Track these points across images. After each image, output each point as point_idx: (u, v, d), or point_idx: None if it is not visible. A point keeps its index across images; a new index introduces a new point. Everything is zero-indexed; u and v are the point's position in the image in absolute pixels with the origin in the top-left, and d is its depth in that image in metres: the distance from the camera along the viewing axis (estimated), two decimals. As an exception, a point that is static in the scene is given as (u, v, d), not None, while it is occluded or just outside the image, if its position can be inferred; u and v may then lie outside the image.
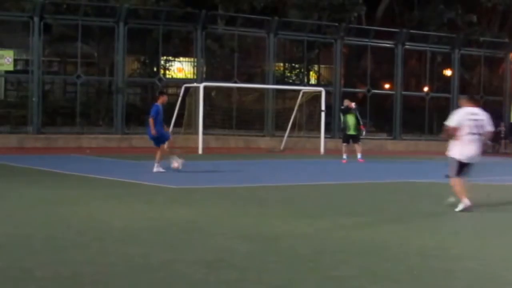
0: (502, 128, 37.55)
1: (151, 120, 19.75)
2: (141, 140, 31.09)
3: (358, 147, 25.27)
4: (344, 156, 24.97)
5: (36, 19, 30.96)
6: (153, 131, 19.40)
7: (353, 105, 25.66)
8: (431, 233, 10.95)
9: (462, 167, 12.77)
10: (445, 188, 14.56)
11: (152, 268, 7.92)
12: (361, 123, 25.88)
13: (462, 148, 12.68)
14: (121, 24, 33.09)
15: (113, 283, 7.30)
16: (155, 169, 19.31)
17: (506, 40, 42.72)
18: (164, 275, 7.54)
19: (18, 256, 8.57)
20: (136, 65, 39.47)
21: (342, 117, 26.17)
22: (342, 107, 26.26)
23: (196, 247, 9.36)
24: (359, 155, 25.13)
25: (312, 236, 10.47)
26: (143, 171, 20.90)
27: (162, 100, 20.26)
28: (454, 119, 12.93)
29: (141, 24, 34.93)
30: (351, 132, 25.46)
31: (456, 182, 12.99)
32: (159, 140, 19.75)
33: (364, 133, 26.48)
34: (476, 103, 13.71)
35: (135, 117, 36.00)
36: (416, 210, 14.09)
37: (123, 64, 34.23)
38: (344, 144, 25.50)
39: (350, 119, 25.03)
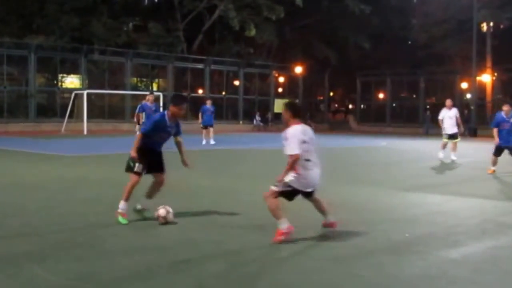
0: None
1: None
2: (49, 126, 34.53)
3: None
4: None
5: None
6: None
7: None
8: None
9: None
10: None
11: (54, 206, 8.74)
12: None
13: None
14: (32, 54, 35.54)
15: (26, 212, 8.21)
16: None
17: (270, 63, 47.18)
18: (62, 211, 8.29)
19: None
20: (42, 80, 40.04)
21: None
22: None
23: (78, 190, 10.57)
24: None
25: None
26: (50, 146, 21.73)
27: (148, 99, 19.44)
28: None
29: (45, 54, 36.86)
30: None
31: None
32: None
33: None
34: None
35: (43, 112, 37.16)
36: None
37: (34, 79, 36.28)
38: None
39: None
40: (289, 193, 6.61)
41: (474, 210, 9.28)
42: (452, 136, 17.61)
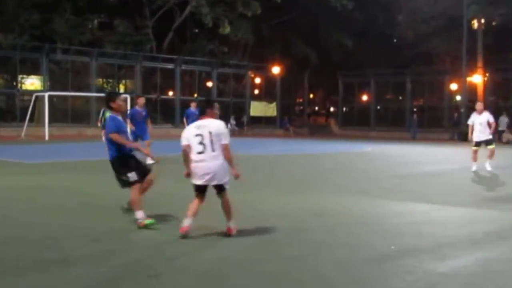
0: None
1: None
2: (8, 131, 34.16)
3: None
4: None
5: None
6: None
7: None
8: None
9: None
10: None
11: (13, 216, 8.72)
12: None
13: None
14: (-12, 53, 34.86)
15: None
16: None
17: (246, 63, 47.51)
18: (21, 221, 8.27)
19: None
20: (1, 81, 40.04)
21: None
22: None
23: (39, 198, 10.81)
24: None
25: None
26: (8, 153, 21.53)
27: (139, 103, 17.18)
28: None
29: (3, 53, 36.61)
30: None
31: None
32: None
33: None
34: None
35: (1, 116, 37.08)
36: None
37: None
38: None
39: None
40: (195, 189, 7.44)
41: (463, 220, 9.36)
42: (486, 142, 16.83)
